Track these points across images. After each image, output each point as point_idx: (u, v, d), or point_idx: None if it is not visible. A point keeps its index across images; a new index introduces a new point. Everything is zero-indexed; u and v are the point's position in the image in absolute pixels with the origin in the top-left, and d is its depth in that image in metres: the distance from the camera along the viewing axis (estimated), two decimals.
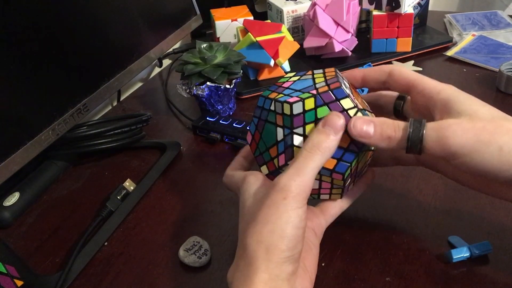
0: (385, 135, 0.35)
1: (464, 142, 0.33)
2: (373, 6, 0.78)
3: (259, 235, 0.33)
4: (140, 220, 0.52)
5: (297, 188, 0.34)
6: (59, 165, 0.60)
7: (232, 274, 0.34)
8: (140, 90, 0.83)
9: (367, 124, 0.36)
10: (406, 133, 0.35)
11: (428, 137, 0.34)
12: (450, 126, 0.34)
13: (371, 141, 0.36)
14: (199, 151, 0.63)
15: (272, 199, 0.34)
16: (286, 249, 0.33)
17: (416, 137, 0.34)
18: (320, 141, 0.35)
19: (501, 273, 0.41)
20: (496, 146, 0.32)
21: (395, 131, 0.35)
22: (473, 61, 0.78)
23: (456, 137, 0.33)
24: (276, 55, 0.73)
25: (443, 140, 0.33)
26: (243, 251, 0.34)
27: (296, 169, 0.34)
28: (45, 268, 0.47)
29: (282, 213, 0.33)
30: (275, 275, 0.32)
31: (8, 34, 0.48)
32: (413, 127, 0.34)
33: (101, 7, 0.62)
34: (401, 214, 0.48)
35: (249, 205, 0.36)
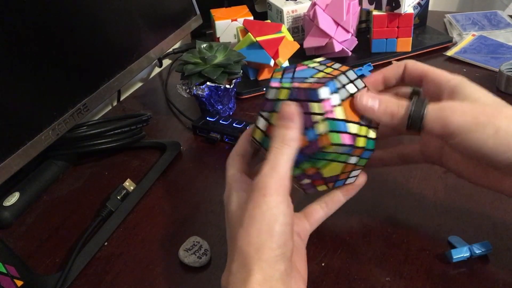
0: (388, 111, 0.37)
1: (462, 121, 0.34)
2: (373, 6, 0.78)
3: (248, 237, 0.33)
4: (140, 220, 0.52)
5: (275, 183, 0.34)
6: (59, 165, 0.60)
7: (226, 279, 0.34)
8: (140, 90, 0.83)
9: (373, 99, 0.37)
10: (406, 110, 0.36)
11: (429, 115, 0.35)
12: (450, 106, 0.35)
13: (375, 115, 0.37)
14: (199, 151, 0.63)
15: (253, 199, 0.34)
16: (276, 247, 0.33)
17: (417, 115, 0.35)
18: (284, 135, 0.36)
19: (501, 273, 0.41)
20: (493, 127, 0.34)
21: (398, 108, 0.37)
22: (473, 61, 0.78)
23: (455, 116, 0.34)
24: (276, 55, 0.73)
25: (442, 118, 0.35)
26: (234, 255, 0.34)
27: (270, 166, 0.35)
28: (45, 268, 0.47)
29: (265, 211, 0.33)
30: (269, 276, 0.32)
31: (8, 34, 0.48)
32: (415, 105, 0.36)
33: (101, 7, 0.62)
34: (401, 214, 0.48)
35: (233, 210, 0.36)
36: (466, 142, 0.34)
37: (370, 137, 0.38)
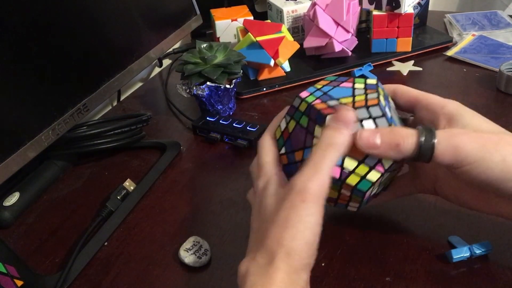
0: (393, 144, 0.36)
1: (471, 150, 0.34)
2: (373, 6, 0.78)
3: (280, 238, 0.33)
4: (140, 220, 0.52)
5: (315, 188, 0.33)
6: (59, 165, 0.60)
7: (247, 265, 0.34)
8: (140, 90, 0.83)
9: (373, 135, 0.36)
10: (415, 140, 0.35)
11: (439, 145, 0.35)
12: (459, 134, 0.35)
13: (379, 151, 0.36)
14: (199, 151, 0.63)
15: (291, 201, 0.33)
16: (306, 256, 0.33)
17: (427, 145, 0.35)
18: (333, 137, 0.35)
19: (501, 273, 0.41)
20: (500, 156, 0.34)
21: (403, 139, 0.36)
22: (473, 61, 0.78)
23: (465, 145, 0.34)
24: (276, 55, 0.73)
25: (454, 147, 0.35)
26: (260, 248, 0.33)
27: (313, 169, 0.34)
28: (45, 268, 0.47)
29: (302, 217, 0.33)
30: (293, 280, 0.32)
31: (8, 34, 0.48)
32: (425, 135, 0.35)
33: (101, 7, 0.62)
34: (401, 214, 0.48)
35: (268, 204, 0.36)
36: (474, 171, 0.35)
37: (368, 179, 0.37)
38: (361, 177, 0.37)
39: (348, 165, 0.37)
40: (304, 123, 0.38)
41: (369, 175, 0.37)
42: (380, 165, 0.37)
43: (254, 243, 0.35)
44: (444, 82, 0.74)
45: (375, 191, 0.40)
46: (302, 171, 0.34)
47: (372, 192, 0.39)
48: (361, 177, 0.37)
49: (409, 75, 0.77)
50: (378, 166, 0.37)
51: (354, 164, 0.37)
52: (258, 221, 0.36)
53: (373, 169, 0.37)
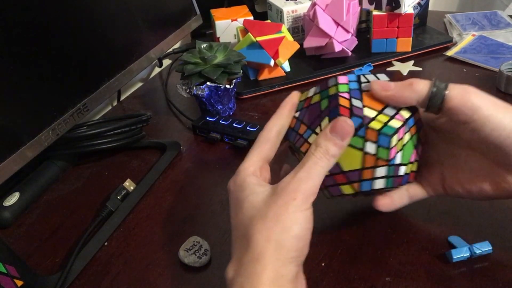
0: (407, 83, 0.37)
1: (483, 104, 0.35)
2: (373, 6, 0.78)
3: (269, 232, 0.33)
4: (140, 220, 0.52)
5: (306, 191, 0.35)
6: (59, 165, 0.60)
7: (233, 269, 0.34)
8: (140, 90, 0.83)
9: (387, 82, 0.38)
10: (427, 83, 0.37)
11: (452, 91, 0.36)
12: (472, 89, 0.36)
13: (393, 92, 0.37)
14: (199, 151, 0.63)
15: (282, 198, 0.34)
16: (295, 249, 0.34)
17: (440, 92, 0.36)
18: (328, 148, 0.36)
19: (501, 273, 0.41)
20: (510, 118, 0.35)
21: (417, 81, 0.37)
22: (473, 61, 0.78)
23: (476, 97, 0.36)
24: (276, 55, 0.73)
25: (466, 95, 0.36)
26: (246, 247, 0.34)
27: (306, 173, 0.35)
28: (45, 268, 0.47)
29: (291, 213, 0.34)
30: (281, 275, 0.32)
31: (8, 34, 0.48)
32: (437, 82, 0.37)
33: (101, 7, 0.62)
34: (401, 214, 0.48)
35: (252, 201, 0.36)
36: (487, 125, 0.35)
37: (390, 125, 0.37)
38: (384, 123, 0.37)
39: (368, 114, 0.38)
40: (323, 105, 0.39)
41: (390, 122, 0.37)
42: (399, 115, 0.38)
43: (239, 241, 0.35)
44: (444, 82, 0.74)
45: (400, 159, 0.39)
46: (295, 172, 0.36)
47: (396, 155, 0.38)
48: (384, 123, 0.37)
49: (409, 75, 0.77)
50: (397, 116, 0.38)
51: (374, 113, 0.38)
52: (241, 217, 0.36)
53: (393, 118, 0.38)
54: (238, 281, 0.33)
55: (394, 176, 0.40)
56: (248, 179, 0.38)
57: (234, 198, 0.38)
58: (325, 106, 0.39)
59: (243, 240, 0.35)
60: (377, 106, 0.38)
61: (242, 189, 0.37)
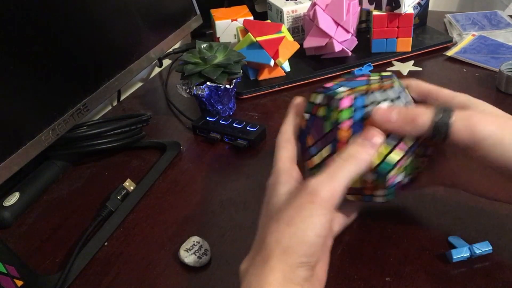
0: (409, 118, 0.36)
1: (490, 131, 0.34)
2: (373, 6, 0.78)
3: (279, 235, 0.33)
4: (140, 220, 0.52)
5: (326, 193, 0.33)
6: (59, 165, 0.60)
7: (246, 266, 0.34)
8: (140, 90, 0.83)
9: (390, 110, 0.36)
10: (431, 116, 0.35)
11: (456, 123, 0.35)
12: (477, 114, 0.35)
13: (395, 125, 0.36)
14: (199, 151, 0.63)
15: (298, 201, 0.33)
16: (303, 255, 0.32)
17: (444, 121, 0.35)
18: (357, 152, 0.35)
19: (501, 273, 0.41)
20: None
21: (419, 115, 0.36)
22: (473, 61, 0.78)
23: (483, 125, 0.34)
24: (276, 55, 0.73)
25: (471, 126, 0.35)
26: (260, 247, 0.34)
27: (328, 175, 0.34)
28: (45, 268, 0.47)
29: (305, 217, 0.33)
30: (288, 278, 0.32)
31: (8, 34, 0.48)
32: (442, 112, 0.35)
33: (101, 7, 0.62)
34: (401, 214, 0.48)
35: (275, 202, 0.36)
36: (493, 153, 0.34)
37: (390, 157, 0.37)
38: (384, 156, 0.37)
39: None
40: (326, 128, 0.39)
41: (391, 155, 0.37)
42: (402, 143, 0.37)
43: (257, 240, 0.35)
44: (444, 82, 0.74)
45: (401, 178, 0.39)
46: (318, 175, 0.34)
47: (396, 178, 0.39)
48: (384, 156, 0.37)
49: (409, 75, 0.77)
50: (400, 145, 0.37)
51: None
52: (264, 217, 0.36)
53: (395, 148, 0.37)
54: (247, 278, 0.33)
55: (397, 188, 0.41)
56: (281, 177, 0.37)
57: (265, 198, 0.38)
58: (327, 130, 0.38)
59: (259, 240, 0.35)
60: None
61: (273, 188, 0.37)
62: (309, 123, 0.40)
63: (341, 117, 0.37)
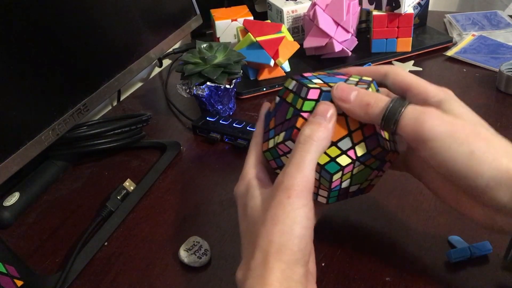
0: (364, 102, 0.35)
1: (438, 132, 0.32)
2: (373, 6, 0.78)
3: (269, 236, 0.33)
4: (140, 220, 0.52)
5: (299, 185, 0.33)
6: (59, 165, 0.60)
7: (243, 274, 0.34)
8: (140, 90, 0.83)
9: (351, 89, 0.35)
10: (384, 105, 0.34)
11: (405, 116, 0.33)
12: (430, 112, 0.33)
13: (349, 106, 0.35)
14: (199, 151, 0.63)
15: (277, 199, 0.34)
16: (297, 249, 0.33)
17: (393, 113, 0.34)
18: (313, 131, 0.35)
19: (501, 273, 0.41)
20: (468, 148, 0.32)
21: (375, 101, 0.35)
22: (473, 61, 0.78)
23: (432, 124, 0.32)
24: (276, 55, 0.73)
25: (419, 123, 0.33)
26: (254, 252, 0.34)
27: (295, 165, 0.34)
28: (45, 268, 0.47)
29: (289, 212, 0.33)
30: (288, 276, 0.32)
31: (8, 34, 0.48)
32: (394, 103, 0.34)
33: (101, 7, 0.62)
34: (401, 214, 0.48)
35: (253, 205, 0.36)
36: (438, 156, 0.33)
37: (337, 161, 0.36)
38: (331, 158, 0.36)
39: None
40: (289, 114, 0.38)
41: (339, 158, 0.36)
42: (353, 151, 0.36)
43: (246, 246, 0.35)
44: (444, 82, 0.74)
45: (346, 185, 0.39)
46: (286, 168, 0.35)
47: (342, 183, 0.38)
48: (331, 158, 0.36)
49: None
50: (350, 152, 0.36)
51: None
52: (246, 223, 0.36)
53: (344, 153, 0.36)
54: (248, 283, 0.33)
55: (341, 194, 0.40)
56: (251, 183, 0.38)
57: (240, 205, 0.38)
58: (289, 116, 0.38)
59: (249, 246, 0.35)
60: (335, 135, 0.36)
61: (245, 194, 0.37)
62: (277, 107, 0.40)
63: (304, 106, 0.37)
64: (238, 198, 0.38)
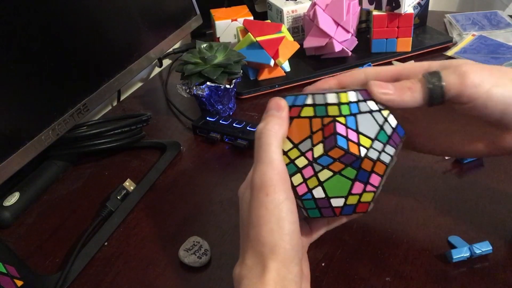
0: (405, 87, 0.35)
1: (483, 80, 0.34)
2: (373, 6, 0.78)
3: (260, 238, 0.33)
4: (140, 220, 0.52)
5: (272, 179, 0.33)
6: (59, 165, 0.60)
7: (240, 271, 0.34)
8: (140, 90, 0.83)
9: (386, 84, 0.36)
10: (424, 85, 0.35)
11: (447, 78, 0.34)
12: (466, 65, 0.35)
13: (392, 96, 0.35)
14: (199, 151, 0.63)
15: (257, 200, 0.33)
16: (290, 247, 0.33)
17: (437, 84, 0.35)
18: (266, 123, 0.35)
19: (501, 273, 0.41)
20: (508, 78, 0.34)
21: (413, 82, 0.36)
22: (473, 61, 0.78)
23: (475, 76, 0.34)
24: (276, 55, 0.73)
25: (462, 77, 0.34)
26: (249, 253, 0.34)
27: (261, 161, 0.34)
28: (45, 268, 0.47)
29: (271, 210, 0.33)
30: (283, 276, 0.32)
31: (8, 34, 0.48)
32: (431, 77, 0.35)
33: (101, 7, 0.62)
34: (401, 214, 0.48)
35: (243, 208, 0.36)
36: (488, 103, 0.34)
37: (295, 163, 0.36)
38: (290, 159, 0.36)
39: (284, 146, 0.36)
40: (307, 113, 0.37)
41: (297, 160, 0.36)
42: (310, 152, 0.36)
43: (242, 246, 0.36)
44: None
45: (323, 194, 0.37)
46: (254, 167, 0.34)
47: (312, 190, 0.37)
48: (290, 159, 0.36)
49: None
50: (308, 153, 0.36)
51: (289, 146, 0.36)
52: (241, 225, 0.37)
53: (302, 155, 0.36)
54: (244, 282, 0.33)
55: (322, 207, 0.38)
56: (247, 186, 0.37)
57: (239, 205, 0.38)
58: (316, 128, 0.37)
59: (244, 246, 0.35)
60: (298, 137, 0.36)
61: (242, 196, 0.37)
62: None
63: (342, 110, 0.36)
64: (239, 198, 0.38)
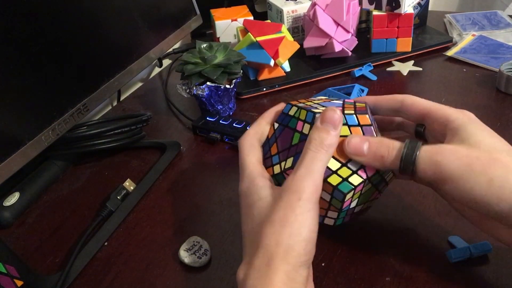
0: (378, 154, 0.36)
1: (454, 168, 0.33)
2: (373, 6, 0.78)
3: (277, 237, 0.33)
4: (140, 220, 0.52)
5: (309, 188, 0.34)
6: (59, 165, 0.60)
7: (245, 272, 0.34)
8: (140, 90, 0.83)
9: (362, 142, 0.36)
10: (398, 153, 0.35)
11: (421, 160, 0.35)
12: (444, 151, 0.34)
13: (365, 159, 0.37)
14: (199, 151, 0.63)
15: (286, 201, 0.34)
16: (304, 253, 0.33)
17: (409, 159, 0.35)
18: (322, 139, 0.36)
19: (501, 273, 0.41)
20: (486, 177, 0.33)
21: (388, 151, 0.36)
22: (473, 61, 0.78)
23: (448, 162, 0.34)
24: (276, 55, 0.73)
25: (435, 163, 0.34)
26: (258, 251, 0.34)
27: (306, 169, 0.35)
28: (45, 268, 0.47)
29: (298, 215, 0.33)
30: (292, 278, 0.32)
31: (9, 34, 0.48)
32: (407, 149, 0.35)
33: (101, 7, 0.62)
34: (401, 214, 0.48)
35: (260, 206, 0.36)
36: (457, 190, 0.34)
37: (349, 181, 0.37)
38: (343, 178, 0.37)
39: (331, 166, 0.37)
40: (295, 139, 0.39)
41: (351, 178, 0.37)
42: (363, 171, 0.37)
43: (249, 246, 0.35)
44: (444, 82, 0.74)
45: (355, 204, 0.39)
46: (295, 171, 0.35)
47: (351, 203, 0.39)
48: (343, 178, 0.37)
49: (409, 75, 0.77)
50: (361, 172, 0.37)
51: (337, 165, 0.37)
52: (251, 223, 0.36)
53: (355, 173, 0.37)
54: (250, 283, 0.33)
55: (348, 215, 0.41)
56: (257, 182, 0.38)
57: (244, 204, 0.38)
58: (295, 141, 0.39)
59: (253, 245, 0.35)
60: (344, 156, 0.37)
61: (251, 193, 0.37)
62: (277, 133, 0.41)
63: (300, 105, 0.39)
64: (243, 197, 0.38)
